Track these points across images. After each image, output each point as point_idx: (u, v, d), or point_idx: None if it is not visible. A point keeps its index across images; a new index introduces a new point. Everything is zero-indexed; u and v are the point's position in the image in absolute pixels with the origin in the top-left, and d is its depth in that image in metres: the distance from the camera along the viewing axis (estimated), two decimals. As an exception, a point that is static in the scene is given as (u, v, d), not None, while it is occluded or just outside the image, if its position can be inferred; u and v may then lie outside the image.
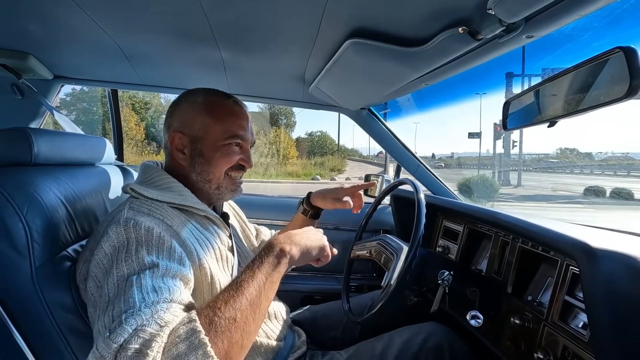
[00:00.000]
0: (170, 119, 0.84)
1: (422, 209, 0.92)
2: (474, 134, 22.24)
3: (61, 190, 0.79)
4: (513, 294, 0.98)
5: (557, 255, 0.86)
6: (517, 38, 0.59)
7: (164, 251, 0.63)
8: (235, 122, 0.82)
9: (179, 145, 0.81)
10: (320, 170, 25.28)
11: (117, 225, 0.63)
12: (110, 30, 0.90)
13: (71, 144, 0.93)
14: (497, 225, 1.06)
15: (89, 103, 21.28)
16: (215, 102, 0.82)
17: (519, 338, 0.90)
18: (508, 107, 0.74)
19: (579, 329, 0.76)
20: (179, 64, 1.14)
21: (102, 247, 0.62)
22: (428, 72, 0.81)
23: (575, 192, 16.29)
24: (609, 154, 36.58)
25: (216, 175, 0.82)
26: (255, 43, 0.93)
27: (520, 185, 17.96)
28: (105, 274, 0.59)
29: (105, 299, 0.55)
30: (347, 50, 0.78)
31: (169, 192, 0.76)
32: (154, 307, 0.52)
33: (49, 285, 0.68)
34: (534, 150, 65.25)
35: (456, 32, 0.60)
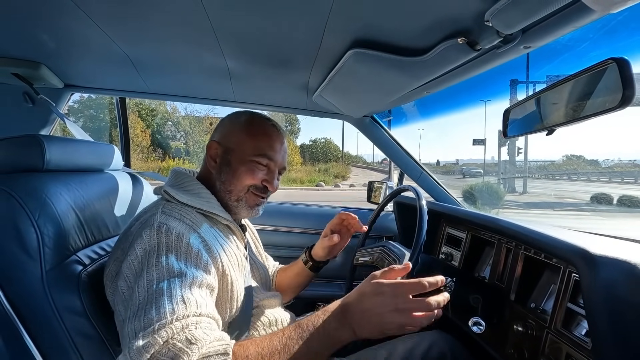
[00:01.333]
0: (215, 132, 0.90)
1: (424, 215, 0.93)
2: (479, 140, 22.19)
3: (71, 196, 0.81)
4: (516, 301, 0.98)
5: (560, 262, 0.87)
6: (515, 49, 0.61)
7: (191, 258, 0.66)
8: (267, 141, 0.86)
9: (213, 154, 0.86)
10: (325, 176, 25.29)
11: (151, 229, 0.66)
12: (119, 40, 0.93)
13: (81, 150, 0.96)
14: (500, 232, 1.07)
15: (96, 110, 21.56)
16: (255, 121, 0.88)
17: (522, 345, 0.90)
18: (508, 115, 0.75)
19: (582, 336, 0.76)
20: (186, 72, 1.17)
21: (134, 249, 0.65)
22: (429, 80, 0.83)
23: (581, 199, 16.13)
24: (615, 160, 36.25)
25: (237, 188, 0.84)
26: (260, 53, 0.95)
27: (525, 192, 17.82)
28: (136, 276, 0.62)
29: (135, 302, 0.58)
30: (349, 59, 0.80)
31: (198, 198, 0.80)
32: (185, 320, 0.54)
33: (59, 289, 0.70)
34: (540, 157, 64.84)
35: (455, 43, 0.62)
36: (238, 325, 0.80)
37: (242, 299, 0.80)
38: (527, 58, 12.50)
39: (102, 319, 0.74)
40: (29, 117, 1.31)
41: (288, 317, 1.00)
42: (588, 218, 11.18)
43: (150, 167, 19.33)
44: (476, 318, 0.90)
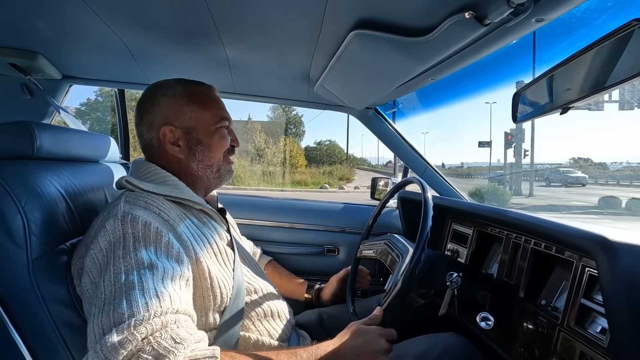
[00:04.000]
0: (149, 115, 0.83)
1: (429, 208, 0.89)
2: (485, 143, 22.04)
3: (62, 185, 0.78)
4: (526, 298, 0.94)
5: (572, 256, 0.82)
6: (526, 22, 0.57)
7: (161, 247, 0.62)
8: (219, 106, 0.87)
9: (171, 139, 0.82)
10: (329, 179, 25.24)
11: (115, 219, 0.62)
12: (116, 27, 0.91)
13: (75, 140, 0.93)
14: (509, 225, 1.02)
15: (103, 112, 21.79)
16: (196, 91, 0.86)
17: (533, 344, 0.86)
18: (518, 99, 0.72)
19: (597, 334, 0.72)
20: (185, 63, 1.15)
21: (98, 242, 0.61)
22: (434, 64, 0.79)
23: (589, 202, 15.91)
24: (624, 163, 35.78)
25: (216, 159, 0.85)
26: (260, 38, 0.92)
27: (532, 195, 17.64)
28: (101, 270, 0.58)
29: (101, 297, 0.54)
30: (352, 43, 0.77)
31: (165, 186, 0.77)
32: (164, 317, 0.52)
33: (45, 278, 0.67)
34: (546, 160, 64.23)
35: (462, 18, 0.58)
36: (230, 314, 0.76)
37: (228, 285, 0.76)
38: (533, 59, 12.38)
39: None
40: (28, 109, 1.30)
41: (285, 308, 0.95)
42: (596, 221, 11.01)
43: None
44: (484, 313, 0.86)
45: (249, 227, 1.55)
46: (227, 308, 0.75)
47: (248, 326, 0.81)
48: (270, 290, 0.92)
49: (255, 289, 0.87)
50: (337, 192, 20.32)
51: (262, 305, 0.86)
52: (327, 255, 1.58)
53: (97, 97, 21.72)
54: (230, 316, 0.75)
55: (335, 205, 1.71)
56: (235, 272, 0.80)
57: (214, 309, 0.73)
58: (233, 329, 0.76)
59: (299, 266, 1.46)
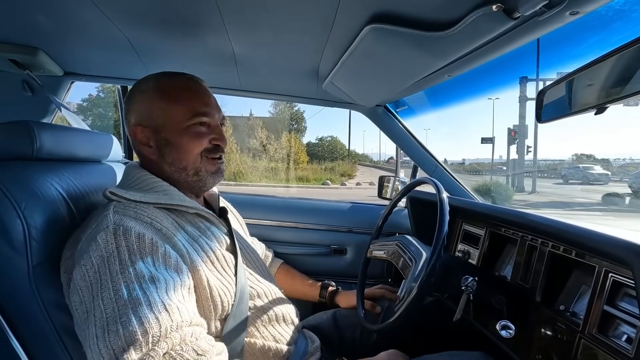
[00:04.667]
0: (128, 115, 0.78)
1: (446, 212, 0.86)
2: (487, 139, 21.92)
3: (63, 186, 0.75)
4: (542, 303, 0.91)
5: (594, 260, 0.79)
6: (559, 15, 0.53)
7: (159, 258, 0.59)
8: (193, 98, 0.77)
9: (143, 139, 0.76)
10: (331, 175, 25.21)
11: (106, 232, 0.58)
12: (120, 23, 0.88)
13: (76, 139, 0.90)
14: (528, 228, 0.99)
15: (105, 109, 21.79)
16: (167, 83, 0.77)
17: (551, 350, 0.83)
18: (543, 97, 0.68)
19: (622, 342, 0.69)
20: (191, 59, 1.11)
21: (89, 257, 0.56)
22: (454, 60, 0.75)
23: (593, 199, 15.83)
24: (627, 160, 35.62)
25: (190, 161, 0.76)
26: (268, 33, 0.89)
27: (534, 192, 17.56)
28: (93, 288, 0.54)
29: (102, 316, 0.51)
30: (366, 37, 0.73)
31: (153, 193, 0.71)
32: (181, 331, 0.51)
33: (46, 285, 0.64)
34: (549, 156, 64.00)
35: (489, 11, 0.54)
36: (234, 322, 0.72)
37: (229, 293, 0.71)
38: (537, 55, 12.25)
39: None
40: (28, 106, 1.26)
41: (291, 310, 0.92)
42: (600, 218, 10.95)
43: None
44: (504, 321, 0.83)
45: (255, 227, 1.52)
46: (230, 315, 0.72)
47: (253, 332, 0.78)
48: (275, 292, 0.89)
49: (259, 293, 0.83)
50: (340, 189, 20.27)
51: (267, 310, 0.83)
52: (335, 256, 1.56)
53: (98, 92, 21.73)
54: (234, 324, 0.72)
55: (343, 205, 1.67)
56: (238, 277, 0.76)
57: (214, 317, 0.69)
58: (238, 337, 0.73)
59: (306, 266, 1.43)
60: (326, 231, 1.56)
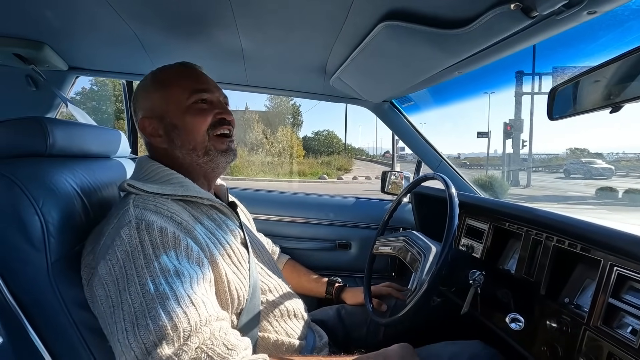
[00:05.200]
0: (134, 114, 0.81)
1: (455, 206, 0.87)
2: (483, 133, 22.00)
3: (77, 182, 0.75)
4: (547, 296, 0.93)
5: (599, 255, 0.81)
6: (577, 14, 0.53)
7: (181, 252, 0.60)
8: (188, 78, 0.79)
9: (151, 131, 0.77)
10: (327, 169, 25.21)
11: (129, 227, 0.59)
12: (128, 17, 0.87)
13: (86, 135, 0.90)
14: (533, 222, 1.00)
15: (99, 102, 21.49)
16: (162, 74, 0.80)
17: (556, 342, 0.85)
18: (554, 95, 0.69)
19: (627, 334, 0.71)
20: (197, 54, 1.10)
21: (114, 252, 0.57)
22: (467, 57, 0.76)
23: (586, 192, 15.99)
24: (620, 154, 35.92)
25: (198, 140, 0.77)
26: (278, 29, 0.88)
27: (529, 186, 17.69)
28: (119, 283, 0.55)
29: (130, 310, 0.52)
30: (379, 35, 0.74)
31: (169, 185, 0.72)
32: (210, 325, 0.53)
33: (65, 281, 0.65)
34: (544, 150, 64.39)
35: (507, 10, 0.55)
36: (247, 316, 0.73)
37: (244, 287, 0.73)
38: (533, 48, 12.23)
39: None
40: (32, 101, 1.25)
41: (301, 306, 0.93)
42: (594, 212, 11.08)
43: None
44: (513, 314, 0.84)
45: (260, 222, 1.53)
46: (244, 310, 0.73)
47: (266, 327, 0.79)
48: (284, 287, 0.90)
49: (270, 288, 0.84)
50: (336, 183, 20.29)
51: (278, 305, 0.84)
52: (339, 250, 1.57)
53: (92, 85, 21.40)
54: (248, 318, 0.73)
55: (347, 200, 1.69)
56: (250, 272, 0.77)
57: (231, 311, 0.70)
58: (252, 331, 0.74)
59: (311, 261, 1.44)
60: (330, 226, 1.57)
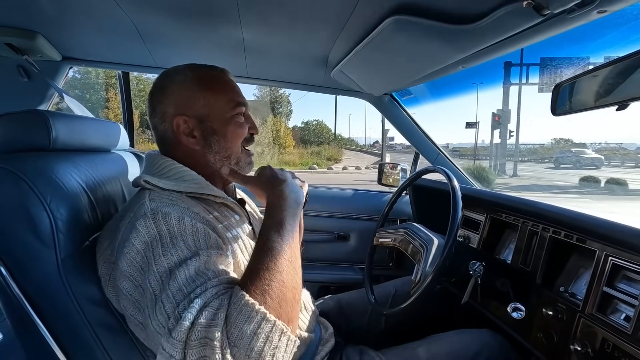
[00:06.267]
0: (162, 106, 0.77)
1: (459, 199, 0.89)
2: (472, 123, 22.21)
3: (82, 177, 0.74)
4: (543, 285, 0.96)
5: (595, 245, 0.84)
6: (588, 13, 0.54)
7: (199, 238, 0.60)
8: (232, 90, 0.79)
9: (185, 130, 0.75)
10: (317, 159, 25.18)
11: (145, 219, 0.59)
12: (127, 7, 0.85)
13: (88, 128, 0.88)
14: (530, 214, 1.03)
15: (82, 90, 20.87)
16: (208, 75, 0.78)
17: (552, 330, 0.88)
18: (558, 91, 0.70)
19: (621, 321, 0.75)
20: (197, 45, 1.08)
21: (132, 244, 0.58)
22: (475, 52, 0.76)
23: (570, 182, 16.40)
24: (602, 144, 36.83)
25: (234, 150, 0.78)
26: (282, 21, 0.87)
27: (515, 175, 18.02)
28: (143, 271, 0.56)
29: (151, 297, 0.53)
30: (387, 28, 0.73)
31: (184, 182, 0.72)
32: (205, 286, 0.53)
33: (76, 278, 0.64)
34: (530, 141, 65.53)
35: (519, 7, 0.55)
36: None
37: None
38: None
39: (123, 308, 0.69)
40: (24, 92, 1.21)
41: (308, 298, 0.94)
42: (577, 201, 11.39)
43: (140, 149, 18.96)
44: (514, 304, 0.87)
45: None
46: None
47: None
48: None
49: None
50: (327, 173, 20.31)
51: None
52: (338, 242, 1.59)
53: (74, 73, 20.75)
54: None
55: (345, 192, 1.70)
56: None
57: None
58: None
59: (311, 252, 1.46)
60: (329, 218, 1.59)
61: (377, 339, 1.09)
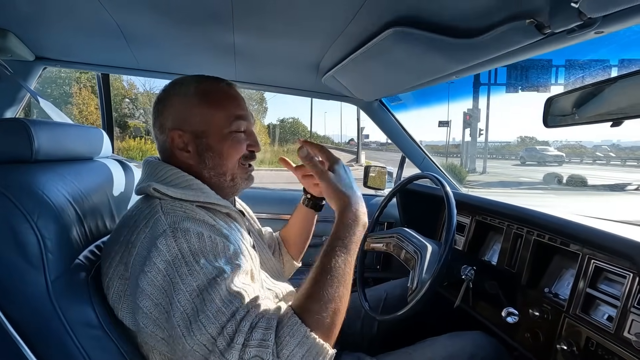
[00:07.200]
0: (161, 117, 0.75)
1: (453, 207, 0.91)
2: (444, 122, 22.85)
3: (68, 190, 0.69)
4: (528, 286, 1.00)
5: (577, 248, 0.88)
6: (586, 33, 0.57)
7: (218, 253, 0.60)
8: (234, 104, 0.76)
9: (180, 144, 0.73)
10: (293, 157, 24.96)
11: (166, 237, 0.58)
12: (111, 6, 0.80)
13: (70, 136, 0.83)
14: (514, 218, 1.07)
15: (42, 84, 19.64)
16: (209, 88, 0.76)
17: (538, 329, 0.92)
18: (550, 104, 0.73)
19: (604, 320, 0.79)
20: (184, 47, 1.04)
21: (154, 263, 0.57)
22: (472, 64, 0.78)
23: (535, 178, 17.23)
24: (563, 142, 38.87)
25: (230, 167, 0.76)
26: (277, 28, 0.86)
27: (485, 172, 18.72)
28: (167, 291, 0.56)
29: (182, 316, 0.54)
30: (386, 39, 0.73)
31: (192, 190, 0.70)
32: (248, 311, 0.54)
33: (68, 300, 0.60)
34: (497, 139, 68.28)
35: (522, 24, 0.57)
36: None
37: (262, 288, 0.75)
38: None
39: (118, 329, 0.65)
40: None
41: None
42: (542, 196, 12.00)
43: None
44: (509, 308, 0.90)
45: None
46: None
47: None
48: (290, 291, 0.90)
49: (277, 294, 0.84)
50: (302, 171, 20.21)
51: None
52: None
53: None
54: None
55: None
56: (261, 278, 0.77)
57: None
58: None
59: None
60: (318, 222, 1.57)
61: (370, 344, 1.10)
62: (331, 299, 0.57)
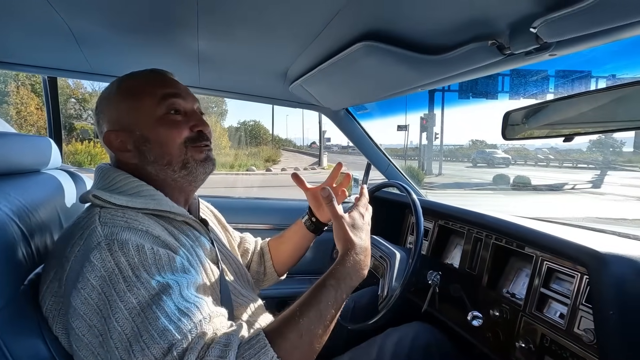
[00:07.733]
0: (99, 125, 0.71)
1: (420, 214, 0.93)
2: (402, 126, 23.68)
3: (12, 208, 0.62)
4: (488, 287, 1.05)
5: (531, 251, 0.94)
6: (542, 55, 0.62)
7: (163, 266, 0.55)
8: (160, 84, 0.71)
9: (119, 145, 0.68)
10: (255, 160, 24.66)
11: (100, 250, 0.52)
12: (60, 6, 0.73)
13: (13, 146, 0.75)
14: (474, 224, 1.13)
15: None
16: (130, 82, 0.71)
17: (498, 329, 0.97)
18: (508, 118, 0.78)
19: (556, 318, 0.85)
20: (142, 52, 0.99)
21: (87, 280, 0.51)
22: (439, 79, 0.81)
23: (485, 179, 18.36)
24: (509, 145, 41.75)
25: (174, 154, 0.69)
26: (244, 34, 0.83)
27: (440, 174, 19.63)
28: (101, 311, 0.50)
29: (120, 338, 0.48)
30: (357, 52, 0.74)
31: (140, 197, 0.64)
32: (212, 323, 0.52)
33: (15, 332, 0.53)
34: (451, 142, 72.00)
35: (484, 45, 0.60)
36: None
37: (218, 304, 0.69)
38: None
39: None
40: None
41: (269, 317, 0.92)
42: (493, 196, 12.79)
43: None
44: (473, 312, 0.94)
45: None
46: None
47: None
48: (257, 304, 0.88)
49: (241, 304, 0.81)
50: (266, 175, 20.00)
51: (252, 323, 0.81)
52: None
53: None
54: None
55: (296, 203, 1.68)
56: (222, 293, 0.73)
57: None
58: None
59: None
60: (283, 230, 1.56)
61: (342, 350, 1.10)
62: (311, 333, 0.54)
